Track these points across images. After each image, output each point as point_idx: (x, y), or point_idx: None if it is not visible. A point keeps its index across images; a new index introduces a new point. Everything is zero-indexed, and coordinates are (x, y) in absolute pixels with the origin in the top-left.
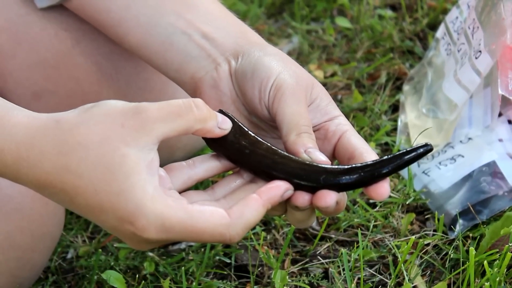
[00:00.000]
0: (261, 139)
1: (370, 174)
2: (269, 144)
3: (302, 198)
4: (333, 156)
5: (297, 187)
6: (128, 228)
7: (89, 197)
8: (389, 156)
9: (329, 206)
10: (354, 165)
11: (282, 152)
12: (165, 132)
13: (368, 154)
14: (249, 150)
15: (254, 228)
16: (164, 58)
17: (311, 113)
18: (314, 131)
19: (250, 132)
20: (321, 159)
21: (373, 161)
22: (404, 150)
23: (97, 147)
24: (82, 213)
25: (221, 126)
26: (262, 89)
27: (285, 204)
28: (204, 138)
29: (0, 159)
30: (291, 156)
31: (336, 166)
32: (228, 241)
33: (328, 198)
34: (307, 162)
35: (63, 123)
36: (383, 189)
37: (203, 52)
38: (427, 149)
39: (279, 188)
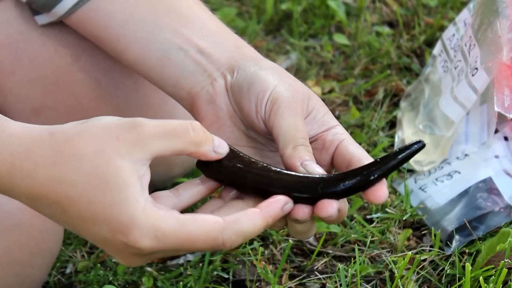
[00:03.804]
0: (254, 159)
1: (366, 177)
2: (262, 163)
3: (302, 211)
4: (331, 166)
5: (296, 201)
6: (120, 240)
7: (82, 208)
8: (383, 157)
9: (331, 215)
10: (349, 170)
11: (277, 168)
12: (159, 150)
13: (366, 160)
14: (244, 172)
15: (252, 243)
16: (162, 74)
17: (308, 125)
18: (311, 142)
19: (242, 154)
20: (318, 171)
21: (367, 164)
22: (397, 150)
23: (91, 158)
24: (74, 225)
25: (217, 150)
26: (258, 103)
27: (285, 218)
28: (197, 165)
29: None
30: (287, 171)
31: (332, 174)
32: (222, 246)
33: (330, 207)
34: (304, 175)
35: (58, 134)
36: (381, 192)
37: (199, 67)
38: (419, 145)
39: (279, 202)
